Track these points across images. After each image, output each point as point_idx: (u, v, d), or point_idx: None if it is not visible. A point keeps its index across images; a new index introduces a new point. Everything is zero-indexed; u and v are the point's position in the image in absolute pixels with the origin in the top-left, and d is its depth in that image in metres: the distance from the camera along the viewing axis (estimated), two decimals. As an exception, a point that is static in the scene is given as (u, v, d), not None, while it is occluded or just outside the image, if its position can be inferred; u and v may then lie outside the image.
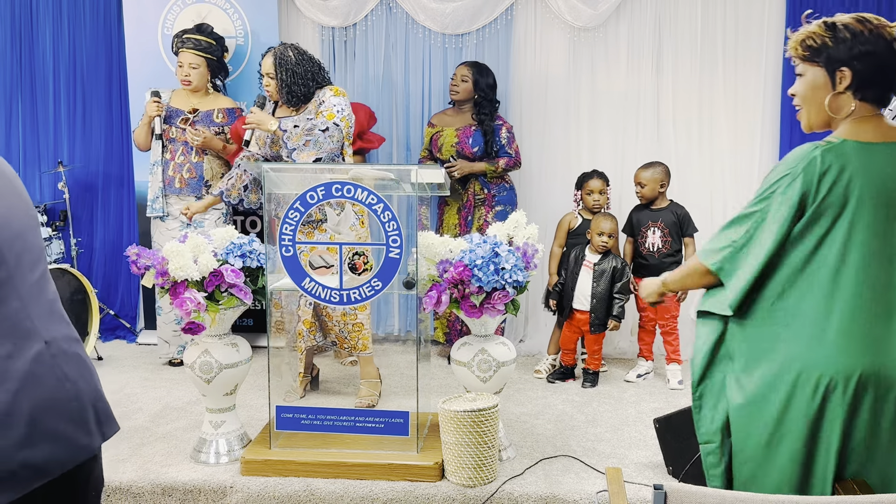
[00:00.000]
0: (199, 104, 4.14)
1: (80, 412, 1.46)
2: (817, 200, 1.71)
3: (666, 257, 4.05)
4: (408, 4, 4.66)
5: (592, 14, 4.56)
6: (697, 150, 4.62)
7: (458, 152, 4.21)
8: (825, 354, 1.70)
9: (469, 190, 4.28)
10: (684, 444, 2.83)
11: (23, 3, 4.91)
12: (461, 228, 4.30)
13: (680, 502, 1.43)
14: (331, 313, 3.62)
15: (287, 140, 3.42)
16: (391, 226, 2.79)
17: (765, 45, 4.60)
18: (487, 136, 4.22)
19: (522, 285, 2.96)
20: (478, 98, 4.26)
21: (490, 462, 2.80)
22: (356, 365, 3.80)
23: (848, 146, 1.73)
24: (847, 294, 1.70)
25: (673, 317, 4.11)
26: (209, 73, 4.16)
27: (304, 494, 2.78)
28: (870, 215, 1.70)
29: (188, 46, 4.06)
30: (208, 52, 4.11)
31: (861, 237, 1.71)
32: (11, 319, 1.40)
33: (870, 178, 1.71)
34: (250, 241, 3.05)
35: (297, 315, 3.65)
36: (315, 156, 3.40)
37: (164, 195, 4.13)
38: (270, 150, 3.60)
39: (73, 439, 1.44)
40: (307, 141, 3.40)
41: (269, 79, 3.52)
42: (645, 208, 4.16)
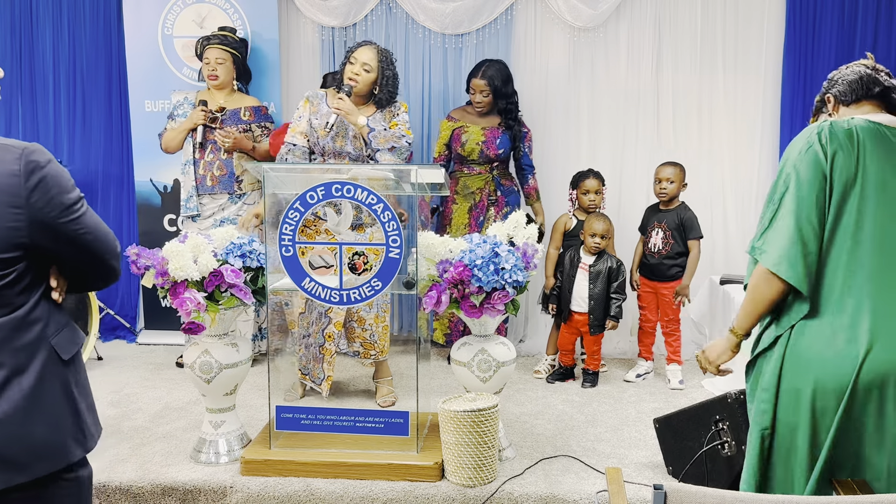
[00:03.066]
0: (225, 103, 4.10)
1: None
2: (834, 169, 1.78)
3: (666, 259, 4.04)
4: (408, 4, 4.66)
5: (592, 14, 4.56)
6: (697, 150, 4.63)
7: (481, 152, 4.19)
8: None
9: (484, 190, 4.27)
10: (684, 444, 2.83)
11: (23, 3, 4.91)
12: (472, 229, 4.27)
13: (680, 502, 1.43)
14: (363, 316, 3.58)
15: (372, 139, 3.40)
16: (391, 226, 2.79)
17: (765, 45, 4.60)
18: (516, 143, 4.22)
19: (522, 285, 2.96)
20: (501, 105, 4.23)
21: (490, 462, 2.80)
22: (372, 366, 3.79)
23: (856, 122, 1.81)
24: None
25: (674, 318, 4.10)
26: (234, 71, 4.14)
27: (304, 494, 2.78)
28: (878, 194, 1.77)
29: (214, 43, 4.04)
30: (234, 48, 4.11)
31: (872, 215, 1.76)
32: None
33: (876, 159, 1.77)
34: (250, 241, 3.05)
35: (329, 317, 3.58)
36: (395, 164, 3.38)
37: (197, 195, 4.11)
38: (332, 144, 3.51)
39: None
40: (392, 147, 3.42)
41: (366, 71, 3.47)
42: (656, 209, 4.15)
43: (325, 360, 3.61)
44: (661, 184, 4.05)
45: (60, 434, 1.56)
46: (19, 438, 1.49)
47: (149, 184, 4.63)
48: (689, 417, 2.83)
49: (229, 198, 4.12)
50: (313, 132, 3.57)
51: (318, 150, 3.60)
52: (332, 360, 3.62)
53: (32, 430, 1.51)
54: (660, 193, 4.06)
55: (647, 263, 4.11)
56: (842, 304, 1.74)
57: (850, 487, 1.65)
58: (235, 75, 4.16)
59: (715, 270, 4.41)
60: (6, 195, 1.47)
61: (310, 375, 3.65)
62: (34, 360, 1.53)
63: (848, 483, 1.67)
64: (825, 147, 1.77)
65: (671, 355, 4.13)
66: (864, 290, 1.73)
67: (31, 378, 1.51)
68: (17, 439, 1.49)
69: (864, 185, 1.76)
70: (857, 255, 1.75)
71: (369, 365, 3.84)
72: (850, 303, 1.74)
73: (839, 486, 1.66)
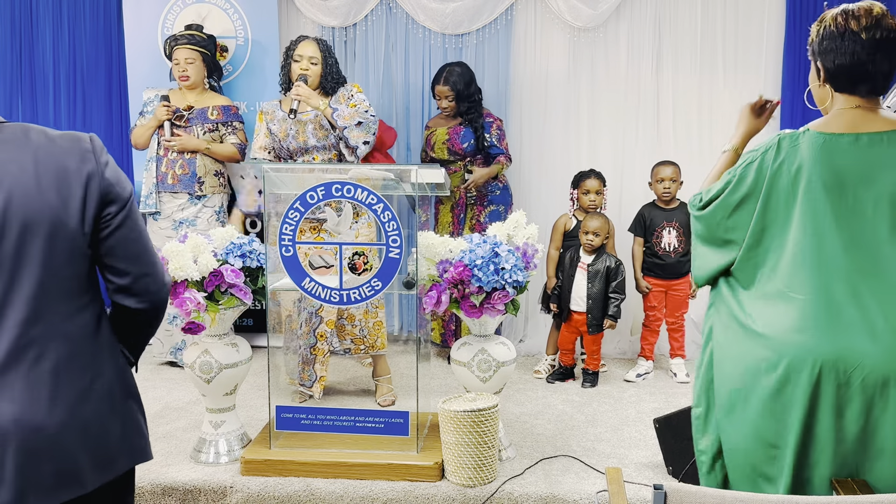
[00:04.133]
0: (194, 102, 4.12)
1: (14, 471, 1.38)
2: (769, 184, 1.79)
3: (682, 256, 4.07)
4: (408, 4, 4.66)
5: (592, 14, 4.56)
6: (697, 150, 4.62)
7: (448, 150, 4.21)
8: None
9: (460, 188, 4.28)
10: (684, 444, 2.83)
11: (23, 3, 4.91)
12: (454, 227, 4.29)
13: (680, 502, 1.43)
14: (353, 313, 3.61)
15: (337, 118, 3.47)
16: (391, 226, 2.79)
17: (765, 45, 4.60)
18: (478, 132, 4.19)
19: (522, 285, 2.96)
20: (462, 108, 4.22)
21: (490, 462, 2.80)
22: (371, 366, 3.79)
23: (807, 136, 1.78)
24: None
25: (682, 313, 4.14)
26: (205, 69, 4.15)
27: (304, 494, 2.78)
28: (820, 204, 1.73)
29: (182, 43, 4.06)
30: (202, 46, 4.11)
31: (811, 225, 1.74)
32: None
33: (820, 168, 1.74)
34: (250, 241, 3.05)
35: (320, 316, 3.59)
36: (364, 138, 3.49)
37: (157, 192, 4.12)
38: (295, 141, 3.58)
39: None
40: (359, 122, 3.47)
41: (313, 64, 3.57)
42: (657, 208, 4.15)
43: (317, 361, 3.62)
44: (663, 183, 4.06)
45: (134, 432, 1.58)
46: (107, 437, 1.51)
47: (149, 184, 4.63)
48: (689, 417, 2.82)
49: (189, 198, 4.11)
50: (274, 137, 3.64)
51: (285, 154, 3.66)
52: (325, 360, 3.63)
53: (114, 429, 1.52)
54: (663, 193, 4.08)
55: (663, 263, 4.10)
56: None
57: (850, 487, 1.64)
58: (206, 73, 4.17)
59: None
60: (85, 174, 1.47)
61: (299, 379, 3.65)
62: (111, 359, 1.54)
63: (848, 483, 1.67)
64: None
65: (676, 350, 4.16)
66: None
67: (109, 376, 1.52)
68: (105, 438, 1.50)
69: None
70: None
71: (367, 365, 3.84)
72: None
73: (839, 486, 1.66)
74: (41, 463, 1.41)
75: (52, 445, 1.42)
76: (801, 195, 1.75)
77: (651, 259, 4.14)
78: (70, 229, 1.44)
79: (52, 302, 1.43)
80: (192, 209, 4.11)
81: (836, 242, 1.72)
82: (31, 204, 1.40)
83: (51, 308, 1.43)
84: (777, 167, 1.78)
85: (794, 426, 1.70)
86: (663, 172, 4.07)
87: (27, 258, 1.40)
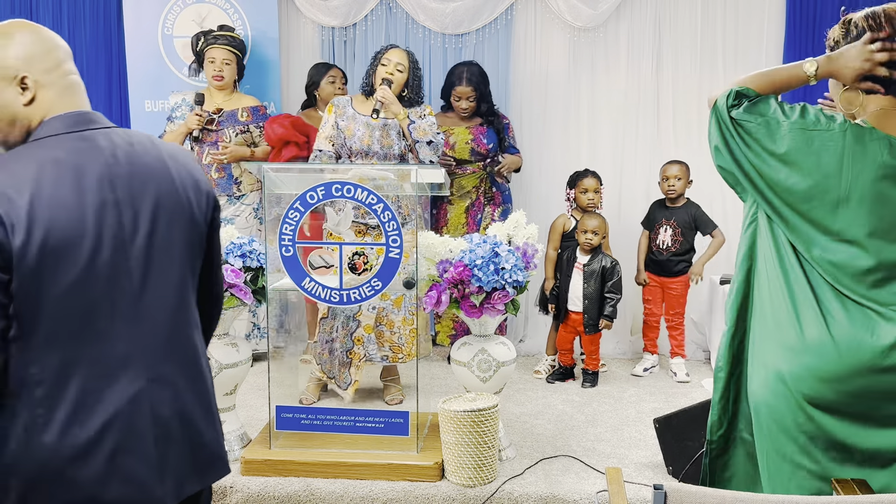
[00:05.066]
0: (223, 104, 4.09)
1: (162, 459, 1.41)
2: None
3: (674, 255, 4.10)
4: (408, 4, 4.66)
5: (592, 14, 4.55)
6: (697, 149, 4.62)
7: (472, 150, 4.20)
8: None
9: (479, 188, 4.28)
10: (684, 444, 2.83)
11: (23, 3, 4.91)
12: (470, 228, 4.27)
13: (680, 502, 1.43)
14: (393, 319, 3.58)
15: (413, 130, 3.46)
16: (391, 226, 2.79)
17: (765, 45, 4.60)
18: (500, 133, 4.27)
19: (522, 285, 2.96)
20: (483, 109, 4.25)
21: (490, 462, 2.80)
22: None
23: (875, 135, 1.69)
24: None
25: (679, 312, 4.16)
26: (237, 72, 4.14)
27: (304, 494, 2.78)
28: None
29: (221, 43, 4.02)
30: (239, 49, 4.10)
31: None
32: (107, 351, 1.36)
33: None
34: (250, 241, 3.06)
35: (358, 320, 3.55)
36: (431, 157, 3.49)
37: None
38: (360, 144, 3.53)
39: (146, 486, 1.38)
40: (430, 141, 3.47)
41: (399, 71, 3.53)
42: (663, 205, 4.20)
43: (352, 365, 3.58)
44: (668, 181, 4.10)
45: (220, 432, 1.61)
46: (216, 435, 1.55)
47: (149, 184, 4.63)
48: (689, 417, 2.83)
49: (228, 199, 4.11)
50: (340, 133, 3.58)
51: (346, 153, 3.60)
52: (360, 365, 3.59)
53: (217, 428, 1.56)
54: (668, 191, 4.12)
55: (654, 259, 4.15)
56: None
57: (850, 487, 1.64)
58: (237, 75, 4.16)
59: (715, 270, 4.41)
60: (204, 179, 1.58)
61: (336, 380, 3.62)
62: (207, 366, 1.57)
63: (848, 483, 1.66)
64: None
65: (675, 349, 4.18)
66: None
67: (208, 381, 1.56)
68: (215, 435, 1.54)
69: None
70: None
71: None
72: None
73: (839, 486, 1.65)
74: (194, 451, 1.48)
75: (201, 435, 1.49)
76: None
77: (649, 255, 4.20)
78: (199, 226, 1.52)
79: (189, 293, 1.51)
80: (231, 208, 4.12)
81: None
82: (174, 202, 1.47)
83: (188, 299, 1.51)
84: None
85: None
86: (669, 171, 4.12)
87: (173, 250, 1.47)
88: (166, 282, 1.44)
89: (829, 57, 1.75)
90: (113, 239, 1.36)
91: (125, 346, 1.37)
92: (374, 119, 3.50)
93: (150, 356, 1.41)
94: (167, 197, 1.45)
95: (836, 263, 1.70)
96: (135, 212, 1.40)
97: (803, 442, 1.72)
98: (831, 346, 1.67)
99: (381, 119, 3.53)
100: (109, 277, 1.35)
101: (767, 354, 1.76)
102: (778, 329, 1.74)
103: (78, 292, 1.32)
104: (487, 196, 4.29)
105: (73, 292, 1.31)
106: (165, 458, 1.41)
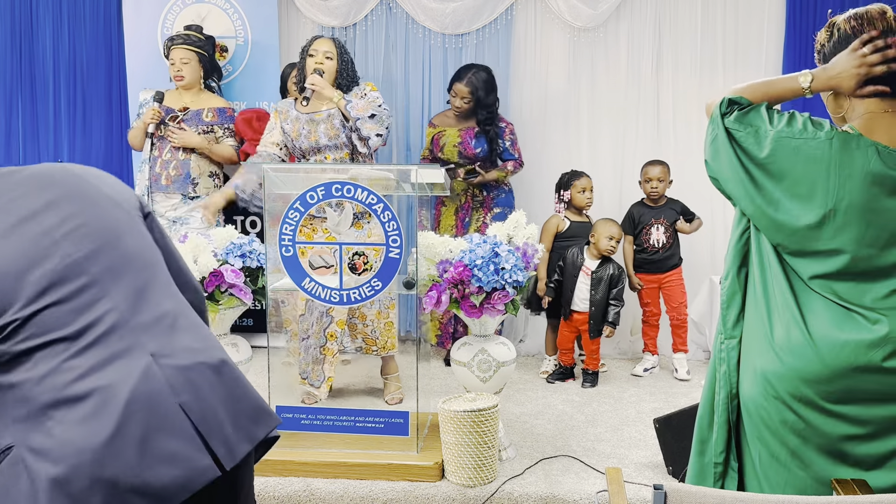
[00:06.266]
0: (190, 103, 4.10)
1: (195, 430, 1.30)
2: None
3: (667, 251, 4.17)
4: (408, 4, 4.66)
5: (592, 14, 4.55)
6: (697, 150, 4.59)
7: (459, 153, 4.19)
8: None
9: (468, 192, 4.27)
10: (684, 444, 2.83)
11: (23, 3, 4.91)
12: (458, 230, 4.27)
13: (680, 502, 1.43)
14: (365, 313, 3.60)
15: (351, 109, 3.45)
16: (391, 226, 2.79)
17: (765, 45, 4.60)
18: (492, 139, 4.18)
19: (522, 285, 2.96)
20: (480, 116, 4.20)
21: (490, 462, 2.80)
22: (348, 364, 3.79)
23: (863, 142, 1.67)
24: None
25: (682, 304, 4.21)
26: (202, 70, 4.14)
27: (304, 494, 2.78)
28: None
29: (178, 43, 4.05)
30: (198, 47, 4.10)
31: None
32: (108, 335, 1.30)
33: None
34: (250, 241, 3.06)
35: (331, 316, 3.58)
36: (377, 130, 3.46)
37: (149, 192, 4.11)
38: (307, 141, 3.56)
39: (191, 460, 1.27)
40: (372, 115, 3.45)
41: (327, 58, 3.56)
42: (646, 206, 4.22)
43: (325, 361, 3.60)
44: (651, 183, 4.16)
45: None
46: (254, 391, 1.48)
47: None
48: (689, 417, 2.82)
49: (182, 198, 4.10)
50: (287, 137, 3.62)
51: (298, 153, 3.65)
52: (333, 361, 3.62)
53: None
54: (651, 192, 4.16)
55: (651, 259, 4.19)
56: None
57: (850, 487, 1.64)
58: (203, 74, 4.16)
59: (715, 270, 4.41)
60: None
61: (308, 378, 3.64)
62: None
63: (848, 483, 1.66)
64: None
65: (679, 345, 4.21)
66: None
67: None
68: (252, 391, 1.47)
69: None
70: None
71: (345, 361, 3.81)
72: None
73: (839, 486, 1.65)
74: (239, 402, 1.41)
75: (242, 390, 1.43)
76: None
77: (641, 255, 4.22)
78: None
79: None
80: (185, 208, 4.11)
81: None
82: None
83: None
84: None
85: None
86: (651, 172, 4.16)
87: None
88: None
89: (823, 69, 1.73)
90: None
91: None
92: (304, 107, 3.55)
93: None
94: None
95: (821, 269, 1.68)
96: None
97: (795, 444, 1.71)
98: (811, 347, 1.66)
99: (323, 112, 3.55)
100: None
101: (755, 356, 1.76)
102: (762, 331, 1.74)
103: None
104: (477, 200, 4.27)
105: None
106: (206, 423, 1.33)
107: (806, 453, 1.71)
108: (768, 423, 1.73)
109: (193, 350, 1.38)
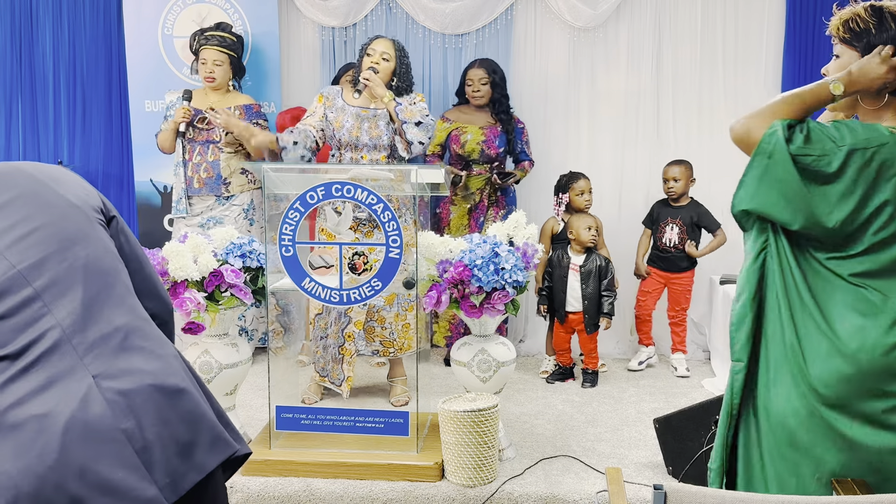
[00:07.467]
0: (216, 103, 4.08)
1: (137, 458, 1.20)
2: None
3: (681, 251, 4.20)
4: (408, 4, 4.66)
5: (592, 14, 4.55)
6: (697, 150, 4.62)
7: (482, 151, 4.19)
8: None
9: (484, 190, 4.27)
10: (684, 444, 2.83)
11: (23, 3, 4.91)
12: (472, 230, 4.25)
13: (680, 502, 1.43)
14: (384, 315, 3.58)
15: (399, 111, 3.44)
16: (391, 226, 2.79)
17: (765, 45, 4.60)
18: (511, 137, 4.25)
19: (522, 285, 2.96)
20: (495, 96, 4.24)
21: (490, 462, 2.80)
22: (383, 366, 3.78)
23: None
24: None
25: (683, 307, 4.25)
26: (231, 72, 4.13)
27: (304, 494, 2.78)
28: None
29: (212, 43, 4.02)
30: (232, 49, 4.09)
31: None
32: (50, 354, 1.21)
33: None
34: (250, 241, 3.06)
35: (349, 316, 3.56)
36: (421, 138, 3.44)
37: (186, 196, 4.11)
38: (347, 135, 3.51)
39: (133, 490, 1.18)
40: (419, 122, 3.45)
41: (385, 60, 3.54)
42: (667, 204, 4.27)
43: (344, 361, 3.59)
44: (668, 183, 4.20)
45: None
46: (217, 417, 1.39)
47: (149, 184, 4.63)
48: (689, 417, 2.83)
49: (216, 199, 4.10)
50: (329, 125, 3.58)
51: (334, 144, 3.61)
52: (352, 361, 3.60)
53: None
54: (668, 192, 4.21)
55: (663, 256, 4.24)
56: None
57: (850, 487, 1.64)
58: (232, 75, 4.16)
59: (715, 270, 4.41)
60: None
61: (329, 377, 3.62)
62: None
63: (848, 483, 1.66)
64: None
65: (677, 345, 4.25)
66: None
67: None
68: (216, 417, 1.38)
69: None
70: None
71: (376, 364, 3.81)
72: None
73: (839, 486, 1.65)
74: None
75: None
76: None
77: (654, 251, 4.29)
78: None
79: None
80: (220, 209, 4.11)
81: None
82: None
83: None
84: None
85: None
86: (669, 172, 4.21)
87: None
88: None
89: (848, 73, 1.72)
90: None
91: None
92: (354, 100, 3.52)
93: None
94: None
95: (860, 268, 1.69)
96: None
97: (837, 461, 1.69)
98: (846, 348, 1.66)
99: (371, 110, 3.53)
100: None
101: (786, 375, 1.72)
102: (795, 346, 1.71)
103: None
104: (491, 199, 4.28)
105: None
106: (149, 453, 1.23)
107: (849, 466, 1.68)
108: (797, 441, 1.70)
109: (142, 372, 1.26)
